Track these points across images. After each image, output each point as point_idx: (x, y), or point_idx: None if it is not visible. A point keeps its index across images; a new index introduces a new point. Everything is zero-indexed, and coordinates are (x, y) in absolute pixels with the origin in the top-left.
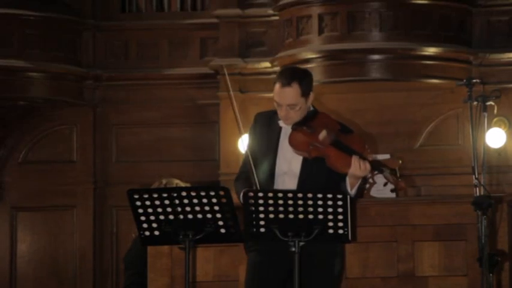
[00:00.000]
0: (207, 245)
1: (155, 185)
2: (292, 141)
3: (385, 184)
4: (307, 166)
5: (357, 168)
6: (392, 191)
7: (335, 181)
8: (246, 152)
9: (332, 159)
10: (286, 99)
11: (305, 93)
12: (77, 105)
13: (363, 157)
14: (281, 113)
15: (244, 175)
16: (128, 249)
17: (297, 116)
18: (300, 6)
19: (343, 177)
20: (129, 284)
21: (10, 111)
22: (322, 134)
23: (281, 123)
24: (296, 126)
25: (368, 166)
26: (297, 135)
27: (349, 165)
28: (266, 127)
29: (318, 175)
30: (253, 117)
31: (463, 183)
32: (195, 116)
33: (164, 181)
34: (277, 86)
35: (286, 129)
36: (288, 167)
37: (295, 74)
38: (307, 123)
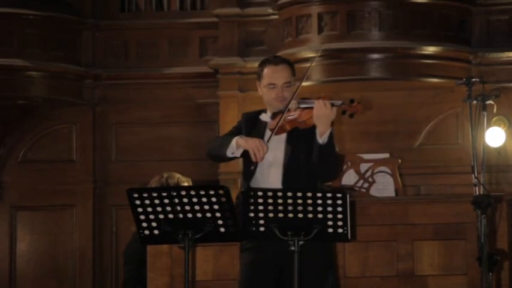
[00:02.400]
0: (206, 244)
1: (156, 179)
2: (270, 126)
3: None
4: (288, 153)
5: (322, 107)
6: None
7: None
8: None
9: (303, 116)
10: (281, 77)
11: (293, 74)
12: (77, 105)
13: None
14: (276, 93)
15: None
16: (128, 243)
17: (289, 97)
18: (299, 6)
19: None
20: (128, 278)
21: (10, 111)
22: (292, 103)
23: (265, 117)
24: (274, 115)
25: (328, 103)
26: (275, 120)
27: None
28: (251, 126)
29: (299, 160)
30: (241, 115)
31: (462, 183)
32: (194, 115)
33: (165, 175)
34: (269, 68)
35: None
36: (273, 158)
37: (282, 58)
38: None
